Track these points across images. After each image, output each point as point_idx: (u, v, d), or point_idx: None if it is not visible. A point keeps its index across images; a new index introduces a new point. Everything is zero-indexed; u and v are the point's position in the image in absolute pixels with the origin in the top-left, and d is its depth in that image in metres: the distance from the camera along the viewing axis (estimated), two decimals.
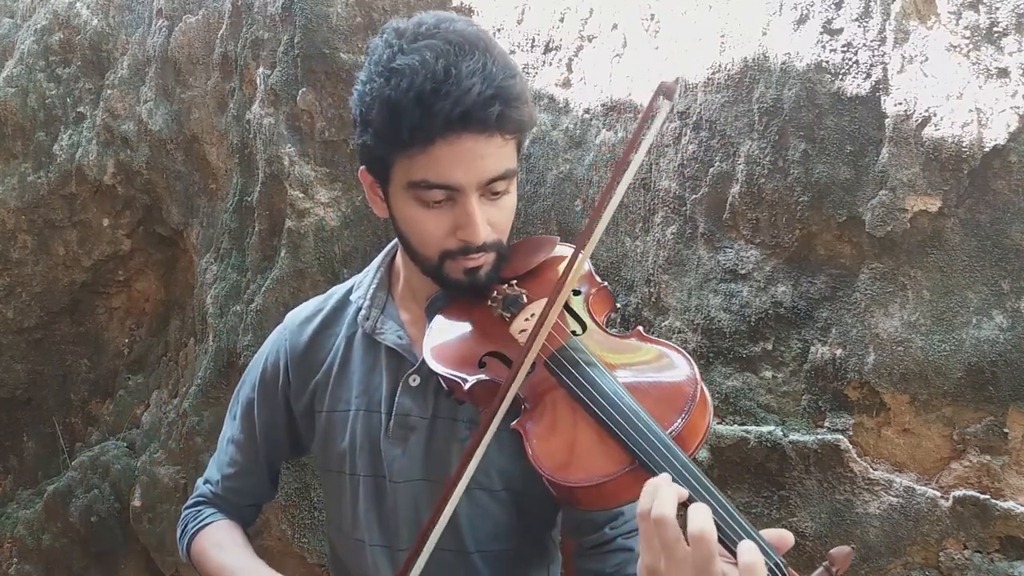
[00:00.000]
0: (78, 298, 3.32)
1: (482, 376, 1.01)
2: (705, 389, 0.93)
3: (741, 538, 0.81)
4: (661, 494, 0.81)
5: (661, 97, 0.99)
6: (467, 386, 1.02)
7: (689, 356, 0.96)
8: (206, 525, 1.30)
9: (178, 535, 1.34)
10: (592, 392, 0.93)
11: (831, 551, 0.82)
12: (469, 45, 0.98)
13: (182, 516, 1.35)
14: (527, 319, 1.04)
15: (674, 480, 0.84)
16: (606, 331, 1.05)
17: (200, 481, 1.38)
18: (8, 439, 3.45)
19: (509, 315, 1.06)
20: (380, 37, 1.04)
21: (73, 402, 3.37)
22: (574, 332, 1.03)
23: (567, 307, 1.06)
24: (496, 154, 1.00)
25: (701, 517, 0.79)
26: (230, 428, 1.36)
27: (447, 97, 0.95)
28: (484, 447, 0.95)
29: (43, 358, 3.37)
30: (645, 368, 0.97)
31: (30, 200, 3.16)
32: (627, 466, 0.88)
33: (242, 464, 1.33)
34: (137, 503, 2.84)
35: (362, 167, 1.11)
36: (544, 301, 1.02)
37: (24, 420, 3.43)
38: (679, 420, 0.89)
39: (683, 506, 0.82)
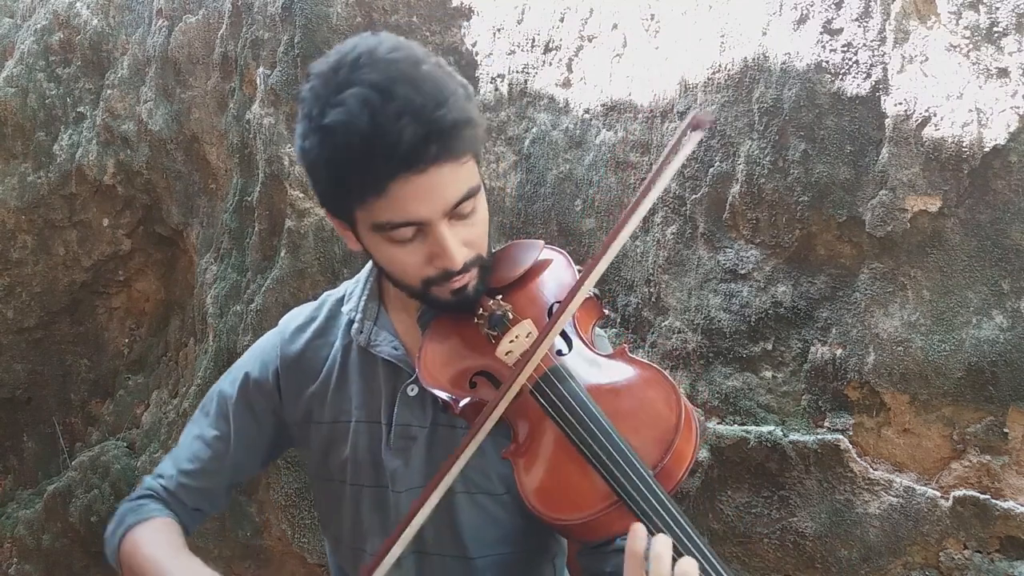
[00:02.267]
0: (78, 298, 3.32)
1: (472, 397, 1.03)
2: (690, 409, 0.95)
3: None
4: (656, 550, 0.85)
5: (690, 131, 0.99)
6: (459, 407, 1.03)
7: (671, 378, 0.98)
8: (149, 519, 1.19)
9: (109, 531, 1.20)
10: (577, 427, 0.95)
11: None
12: (390, 82, 0.94)
13: (119, 510, 1.22)
14: (512, 340, 1.05)
15: (652, 521, 0.88)
16: (592, 348, 1.06)
17: (147, 477, 1.28)
18: (8, 439, 3.45)
19: (495, 335, 1.06)
20: (306, 85, 1.01)
21: (73, 402, 3.37)
22: (560, 352, 1.04)
23: None
24: (452, 179, 0.98)
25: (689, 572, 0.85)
26: (200, 425, 1.27)
27: (380, 150, 0.93)
28: (464, 460, 0.98)
29: (43, 358, 3.37)
30: (629, 393, 0.99)
31: (30, 200, 3.16)
32: (611, 503, 0.91)
33: (205, 463, 1.24)
34: None
35: (325, 211, 1.09)
36: (527, 323, 1.04)
37: (24, 420, 3.42)
38: (665, 456, 0.92)
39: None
